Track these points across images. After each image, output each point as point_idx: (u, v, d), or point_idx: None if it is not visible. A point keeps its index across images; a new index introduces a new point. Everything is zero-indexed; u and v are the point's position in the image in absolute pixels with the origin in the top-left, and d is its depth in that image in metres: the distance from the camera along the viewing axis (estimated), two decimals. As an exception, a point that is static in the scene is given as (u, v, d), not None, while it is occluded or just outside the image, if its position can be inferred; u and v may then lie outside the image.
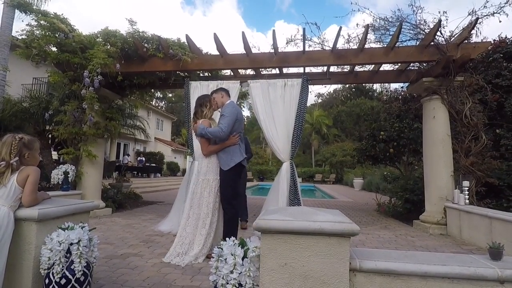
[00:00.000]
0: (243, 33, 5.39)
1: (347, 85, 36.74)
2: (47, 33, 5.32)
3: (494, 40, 6.99)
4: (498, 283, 1.72)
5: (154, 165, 21.10)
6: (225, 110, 3.54)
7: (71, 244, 1.95)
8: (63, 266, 1.91)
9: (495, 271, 1.72)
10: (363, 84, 34.17)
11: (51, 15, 5.35)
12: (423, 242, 4.65)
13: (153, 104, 28.45)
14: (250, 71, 7.02)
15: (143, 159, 20.96)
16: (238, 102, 11.03)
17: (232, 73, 6.95)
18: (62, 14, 5.48)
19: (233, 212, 3.50)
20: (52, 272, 1.90)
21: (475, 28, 4.99)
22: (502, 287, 1.72)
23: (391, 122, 8.69)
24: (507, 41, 6.84)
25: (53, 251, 1.91)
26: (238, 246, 1.82)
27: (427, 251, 4.11)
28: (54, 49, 5.68)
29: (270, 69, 6.67)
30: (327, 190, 17.55)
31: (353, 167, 23.85)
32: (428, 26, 5.40)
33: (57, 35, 5.34)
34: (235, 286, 1.71)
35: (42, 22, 5.25)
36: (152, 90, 8.23)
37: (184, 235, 3.51)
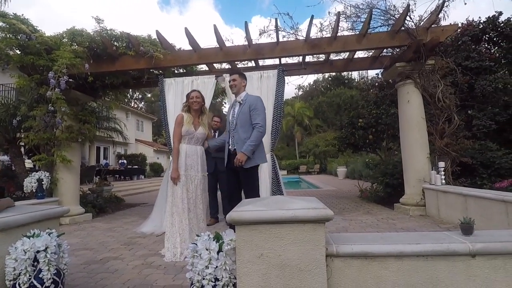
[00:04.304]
0: (215, 26, 5.30)
1: (326, 76, 37.07)
2: (7, 35, 5.06)
3: (462, 23, 7.19)
4: (470, 257, 1.76)
5: (136, 167, 20.66)
6: (258, 105, 3.38)
7: (38, 252, 1.86)
8: (30, 276, 1.82)
9: (466, 246, 1.76)
10: (341, 74, 34.56)
11: (11, 16, 5.08)
12: (404, 224, 4.75)
13: (132, 105, 27.83)
14: (225, 65, 6.93)
15: (125, 161, 20.48)
16: (220, 99, 10.90)
17: (208, 68, 6.84)
18: (22, 15, 5.23)
19: None
20: (19, 283, 1.81)
21: (442, 11, 5.10)
22: (474, 260, 1.76)
23: (369, 109, 8.83)
24: (474, 24, 7.04)
25: (18, 261, 1.81)
26: (213, 240, 1.78)
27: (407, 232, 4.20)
28: (17, 51, 5.42)
29: (246, 62, 6.60)
30: (312, 181, 17.74)
31: (336, 157, 24.18)
32: (398, 11, 5.48)
33: (18, 37, 5.08)
34: (212, 281, 1.67)
35: (0, 23, 4.98)
36: (127, 89, 8.01)
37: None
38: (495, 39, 7.30)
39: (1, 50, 4.96)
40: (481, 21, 7.19)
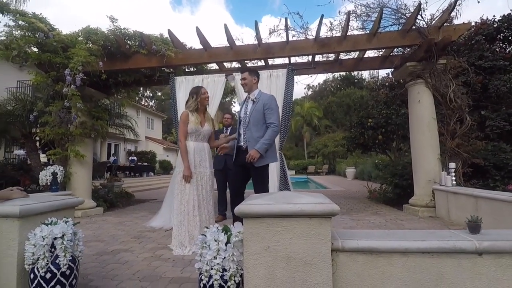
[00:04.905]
0: (225, 25, 5.36)
1: (336, 76, 36.76)
2: (26, 33, 5.23)
3: (476, 22, 7.07)
4: (477, 255, 1.75)
5: (146, 164, 20.95)
6: (272, 104, 3.40)
7: (55, 238, 1.95)
8: (47, 261, 1.91)
9: (473, 244, 1.75)
10: (352, 74, 34.23)
11: (30, 15, 5.25)
12: (412, 225, 4.72)
13: (142, 103, 28.18)
14: (235, 64, 6.99)
15: (135, 158, 20.79)
16: (229, 97, 10.96)
17: (218, 67, 6.91)
18: (40, 14, 5.39)
19: None
20: (37, 267, 1.90)
21: (454, 10, 5.04)
22: (481, 258, 1.76)
23: (379, 109, 8.76)
24: (488, 22, 6.92)
25: (37, 246, 1.91)
26: (222, 232, 1.83)
27: (416, 232, 4.17)
28: (35, 49, 5.59)
29: (255, 61, 6.65)
30: (320, 181, 17.67)
31: (345, 157, 24.02)
32: (409, 10, 5.44)
33: (37, 35, 5.25)
34: (219, 271, 1.72)
35: (20, 22, 5.16)
36: (139, 87, 8.15)
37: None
38: (510, 38, 7.15)
39: (20, 47, 5.13)
40: (496, 20, 7.06)
